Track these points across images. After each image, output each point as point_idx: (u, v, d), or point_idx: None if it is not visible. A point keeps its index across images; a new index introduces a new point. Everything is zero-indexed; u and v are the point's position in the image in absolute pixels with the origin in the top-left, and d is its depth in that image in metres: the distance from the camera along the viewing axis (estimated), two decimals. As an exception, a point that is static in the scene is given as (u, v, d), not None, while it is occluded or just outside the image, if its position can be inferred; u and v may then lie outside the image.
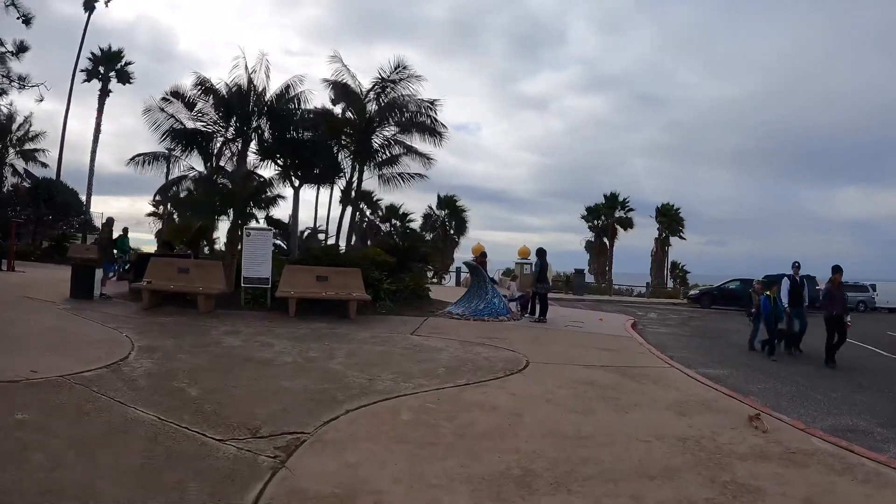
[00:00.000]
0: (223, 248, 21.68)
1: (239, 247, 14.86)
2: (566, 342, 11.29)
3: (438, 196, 47.83)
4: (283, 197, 22.15)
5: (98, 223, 30.23)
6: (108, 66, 38.47)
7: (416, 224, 47.04)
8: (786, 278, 12.33)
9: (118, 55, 38.84)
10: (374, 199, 47.29)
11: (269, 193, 21.25)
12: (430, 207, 47.86)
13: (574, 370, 8.42)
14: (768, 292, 12.33)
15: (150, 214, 40.66)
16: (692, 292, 29.32)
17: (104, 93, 38.51)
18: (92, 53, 38.30)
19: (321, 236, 34.67)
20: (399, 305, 15.03)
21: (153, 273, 13.34)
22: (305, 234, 40.23)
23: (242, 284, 13.82)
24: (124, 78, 39.15)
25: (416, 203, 45.82)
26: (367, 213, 47.74)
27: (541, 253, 15.46)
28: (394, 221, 47.57)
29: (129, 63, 39.35)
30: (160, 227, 36.80)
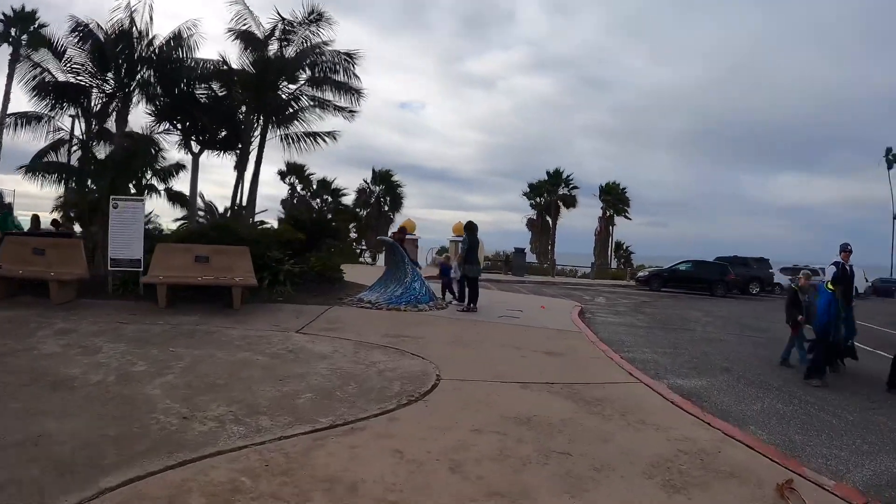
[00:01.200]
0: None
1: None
2: (498, 342, 8.70)
3: (374, 171, 45.00)
4: (183, 167, 18.95)
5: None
6: (21, 28, 33.80)
7: (349, 199, 44.15)
8: (831, 266, 8.67)
9: (32, 16, 34.03)
10: (306, 173, 44.24)
11: (161, 160, 18.09)
12: (365, 182, 44.82)
13: (504, 394, 5.79)
14: (831, 286, 8.32)
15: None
16: (641, 273, 27.33)
17: (14, 58, 33.56)
18: (3, 14, 33.89)
19: (260, 217, 31.31)
20: (302, 291, 12.21)
21: (7, 255, 10.43)
22: (227, 212, 36.57)
23: (109, 268, 10.85)
24: (38, 41, 34.14)
25: (352, 179, 42.89)
26: (299, 188, 44.47)
27: (470, 228, 12.74)
28: (325, 197, 44.45)
29: (44, 25, 34.51)
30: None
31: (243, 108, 17.21)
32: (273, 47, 16.43)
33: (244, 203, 17.60)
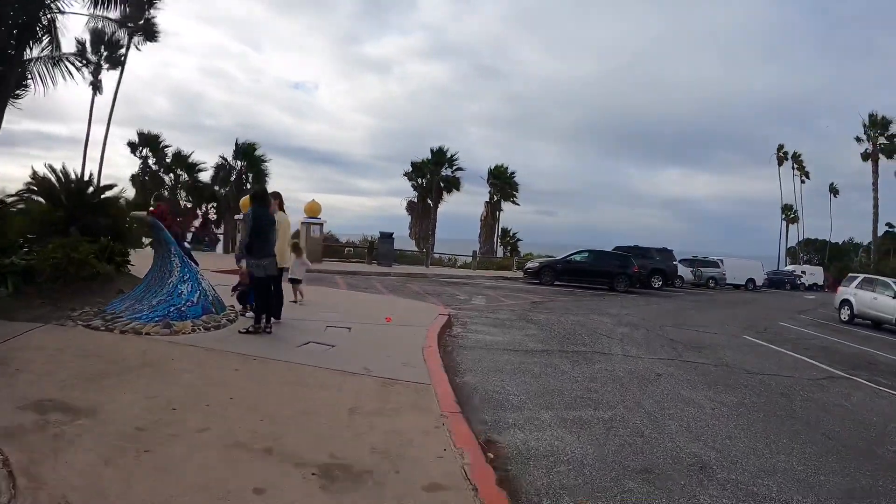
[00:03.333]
0: None
1: None
2: (237, 427, 3.84)
3: (236, 143, 38.51)
4: None
5: None
6: None
7: (207, 176, 37.63)
8: None
9: None
10: (161, 144, 37.02)
11: None
12: (223, 157, 38.30)
13: None
14: None
15: None
16: (531, 264, 23.12)
17: None
18: None
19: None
20: (33, 293, 7.00)
21: None
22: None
23: None
24: None
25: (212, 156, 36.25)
26: (151, 162, 37.19)
27: (258, 198, 7.65)
28: (179, 172, 37.56)
29: None
30: None
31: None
32: None
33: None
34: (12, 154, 71.63)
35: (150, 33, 36.83)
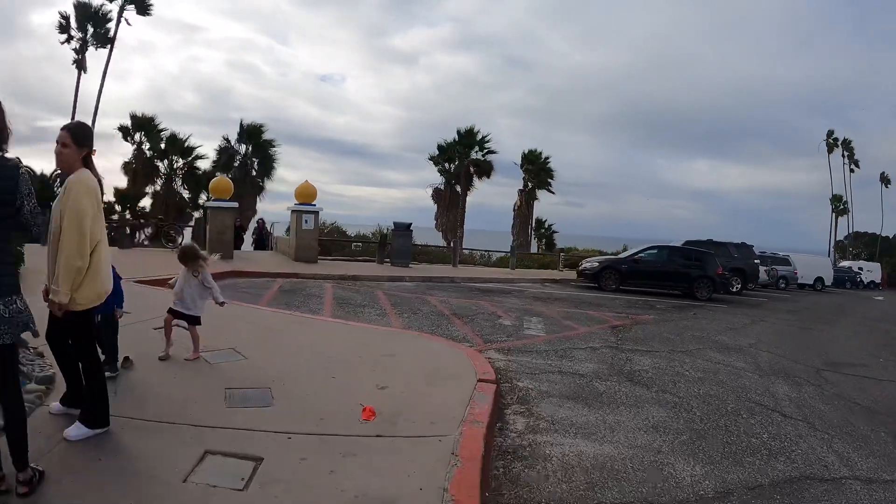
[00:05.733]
0: None
1: None
2: None
3: (241, 125, 34.37)
4: None
5: None
6: None
7: (206, 163, 33.55)
8: None
9: None
10: (157, 128, 32.87)
11: None
12: (226, 139, 34.17)
13: None
14: None
15: None
16: (588, 263, 17.95)
17: None
18: None
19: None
20: None
21: None
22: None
23: None
24: None
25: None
26: (146, 147, 33.09)
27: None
28: (174, 157, 33.47)
29: None
30: None
31: None
32: None
33: None
34: None
35: (142, 6, 32.76)
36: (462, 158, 34.55)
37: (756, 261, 21.24)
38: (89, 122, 29.12)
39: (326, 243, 22.39)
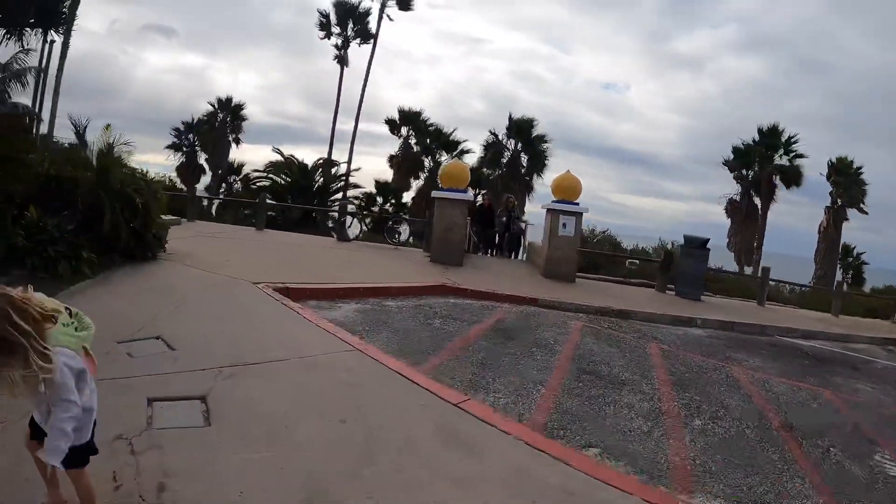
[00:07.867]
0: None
1: None
2: None
3: (510, 118, 32.86)
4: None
5: None
6: None
7: (473, 158, 32.45)
8: None
9: None
10: (426, 123, 32.87)
11: None
12: (493, 133, 32.75)
13: None
14: None
15: None
16: None
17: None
18: None
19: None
20: None
21: None
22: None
23: None
24: None
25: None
26: (413, 142, 33.36)
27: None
28: (435, 149, 33.04)
29: None
30: None
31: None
32: None
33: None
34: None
35: (404, 1, 32.38)
36: (763, 163, 28.04)
37: None
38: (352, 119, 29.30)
39: (593, 256, 18.52)
